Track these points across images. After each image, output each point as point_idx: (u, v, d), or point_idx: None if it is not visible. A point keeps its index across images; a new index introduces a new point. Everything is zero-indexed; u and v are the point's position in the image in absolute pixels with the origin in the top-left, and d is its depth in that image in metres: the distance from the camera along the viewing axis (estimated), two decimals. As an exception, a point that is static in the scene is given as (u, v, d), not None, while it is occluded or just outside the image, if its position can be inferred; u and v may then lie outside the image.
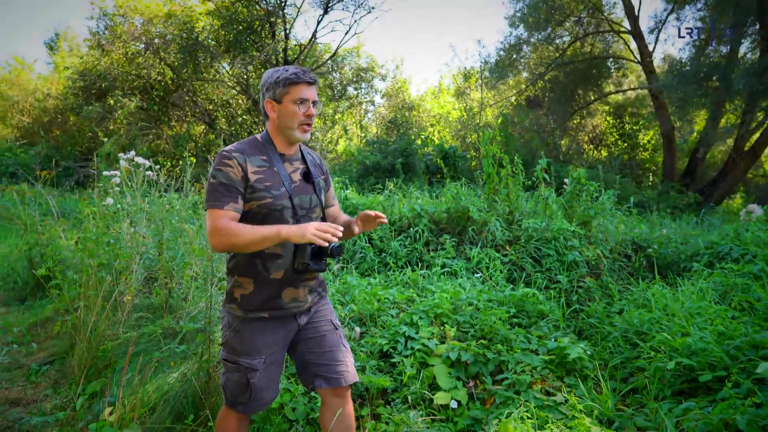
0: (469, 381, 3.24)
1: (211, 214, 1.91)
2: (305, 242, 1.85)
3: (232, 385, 2.09)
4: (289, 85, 1.98)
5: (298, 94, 1.99)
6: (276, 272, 2.02)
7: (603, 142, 19.53)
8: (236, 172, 1.93)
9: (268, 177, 2.00)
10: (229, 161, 1.94)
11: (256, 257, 2.01)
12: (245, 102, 14.70)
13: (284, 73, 1.99)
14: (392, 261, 5.18)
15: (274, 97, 2.01)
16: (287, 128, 2.02)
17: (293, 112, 1.99)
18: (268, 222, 1.98)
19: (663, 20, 14.67)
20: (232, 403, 2.13)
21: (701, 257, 5.47)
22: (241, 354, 2.04)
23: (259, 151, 2.04)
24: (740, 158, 13.01)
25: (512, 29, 16.45)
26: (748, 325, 3.33)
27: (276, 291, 2.04)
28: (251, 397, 2.08)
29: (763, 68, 10.14)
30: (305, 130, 2.04)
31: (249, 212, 1.98)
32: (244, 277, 2.04)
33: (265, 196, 1.97)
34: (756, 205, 6.11)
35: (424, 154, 14.02)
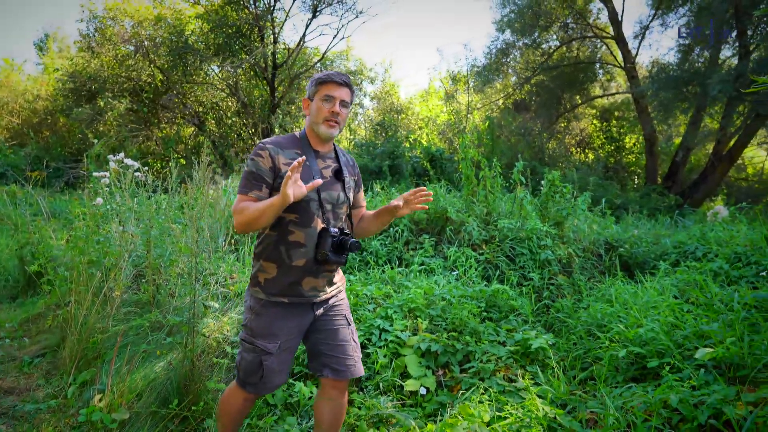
0: (438, 370, 3.46)
1: (239, 198, 2.12)
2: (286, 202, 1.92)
3: (245, 365, 2.20)
4: (320, 84, 2.20)
5: (325, 92, 2.18)
6: (298, 260, 2.16)
7: (589, 145, 19.87)
8: (266, 162, 2.11)
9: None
10: (262, 152, 2.13)
11: (281, 244, 2.16)
12: (234, 104, 14.87)
13: (318, 75, 2.23)
14: (372, 260, 5.38)
15: (309, 96, 2.24)
16: (315, 123, 2.21)
17: (320, 108, 2.18)
18: (295, 212, 2.14)
19: (647, 26, 15.01)
20: (243, 382, 2.24)
21: (669, 256, 5.73)
22: (258, 336, 2.17)
23: (294, 145, 2.22)
24: (719, 162, 13.34)
25: (499, 34, 16.74)
26: (699, 317, 3.57)
27: (297, 278, 2.17)
28: (261, 379, 2.19)
29: (737, 75, 10.45)
30: (331, 126, 2.19)
31: None
32: (269, 262, 2.18)
33: None
34: (722, 207, 6.37)
35: (412, 157, 14.23)
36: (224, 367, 3.19)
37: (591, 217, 6.36)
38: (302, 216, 2.15)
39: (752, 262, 4.82)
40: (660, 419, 2.52)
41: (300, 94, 16.97)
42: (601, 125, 19.33)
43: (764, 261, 4.70)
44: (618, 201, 11.87)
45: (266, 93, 14.73)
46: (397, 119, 19.37)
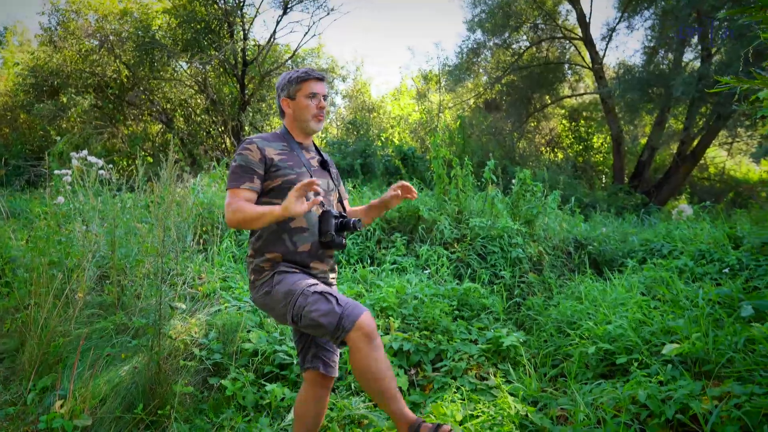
0: (410, 369, 3.44)
1: (229, 193, 2.11)
2: (287, 215, 1.94)
3: (316, 312, 1.97)
4: (301, 82, 2.22)
5: (309, 89, 2.23)
6: (303, 245, 2.17)
7: (559, 144, 20.17)
8: (254, 155, 2.13)
9: (290, 158, 2.21)
10: (249, 146, 2.15)
11: (284, 232, 2.16)
12: (203, 101, 14.62)
13: (296, 73, 2.25)
14: (344, 258, 5.34)
15: (288, 95, 2.25)
16: (302, 120, 2.26)
17: (306, 105, 2.23)
18: None
19: (613, 28, 15.29)
20: (338, 330, 1.95)
21: (636, 254, 5.84)
22: (294, 289, 2.04)
23: (279, 139, 2.26)
24: (683, 161, 13.68)
25: (470, 33, 16.83)
26: (666, 313, 3.64)
27: (304, 262, 2.18)
28: (338, 301, 1.99)
29: (700, 77, 10.73)
30: (319, 120, 2.27)
31: (276, 188, 2.15)
32: (273, 253, 2.16)
33: (288, 173, 2.16)
34: (686, 205, 6.53)
35: (384, 155, 14.21)
36: (192, 370, 3.11)
37: (561, 216, 6.45)
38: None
39: (715, 259, 4.94)
40: (629, 415, 2.55)
41: (271, 91, 16.80)
42: (570, 125, 19.63)
43: (727, 258, 4.82)
44: (587, 200, 12.07)
45: (236, 90, 14.52)
46: (369, 117, 19.32)
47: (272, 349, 3.38)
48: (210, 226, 5.48)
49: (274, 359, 3.36)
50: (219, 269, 4.56)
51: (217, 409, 2.98)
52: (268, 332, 3.62)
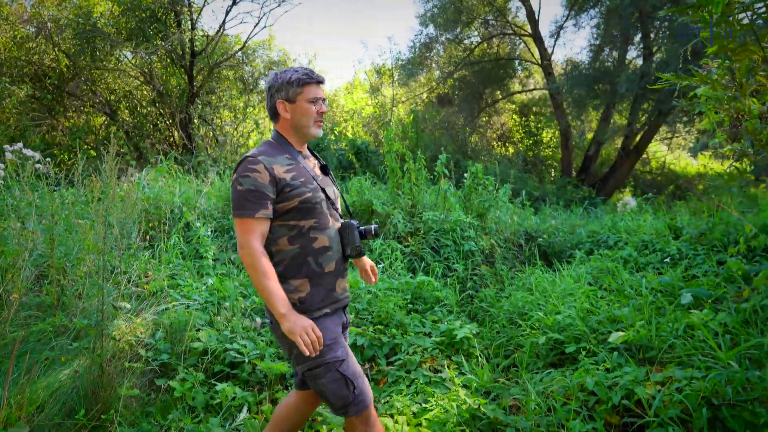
0: (364, 363, 3.42)
1: (242, 224, 1.92)
2: (294, 338, 1.85)
3: (331, 389, 1.99)
4: (303, 85, 2.05)
5: (311, 93, 2.07)
6: (328, 265, 2.04)
7: (510, 139, 20.54)
8: (264, 177, 1.93)
9: (299, 173, 2.03)
10: (256, 166, 1.94)
11: (308, 255, 2.01)
12: (150, 93, 14.12)
13: (295, 74, 2.07)
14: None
15: (287, 97, 2.07)
16: (302, 126, 2.09)
17: (307, 110, 2.07)
18: (312, 216, 2.01)
19: (561, 25, 15.66)
20: (343, 408, 2.01)
21: (584, 245, 6.00)
22: (321, 353, 1.97)
23: (279, 151, 2.06)
24: (627, 156, 14.19)
25: (423, 28, 16.89)
26: (612, 302, 3.76)
27: (331, 285, 2.06)
28: (355, 389, 2.00)
29: (642, 74, 11.13)
30: (319, 126, 2.13)
31: (292, 209, 1.98)
32: (298, 279, 1.99)
33: (304, 192, 1.99)
34: (630, 198, 6.75)
35: (337, 150, 14.10)
36: (138, 371, 3.00)
37: (512, 209, 6.56)
38: (320, 219, 2.04)
39: (657, 249, 5.14)
40: (578, 402, 2.61)
41: (221, 83, 16.38)
42: (520, 120, 20.01)
43: (668, 248, 5.02)
44: (537, 193, 12.35)
45: (184, 82, 14.08)
46: (322, 111, 19.12)
47: (223, 347, 3.30)
48: (157, 222, 5.29)
49: (225, 358, 3.27)
50: (167, 266, 4.41)
51: (165, 411, 2.88)
52: (219, 330, 3.53)
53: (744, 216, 4.94)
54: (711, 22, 2.15)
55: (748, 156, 3.01)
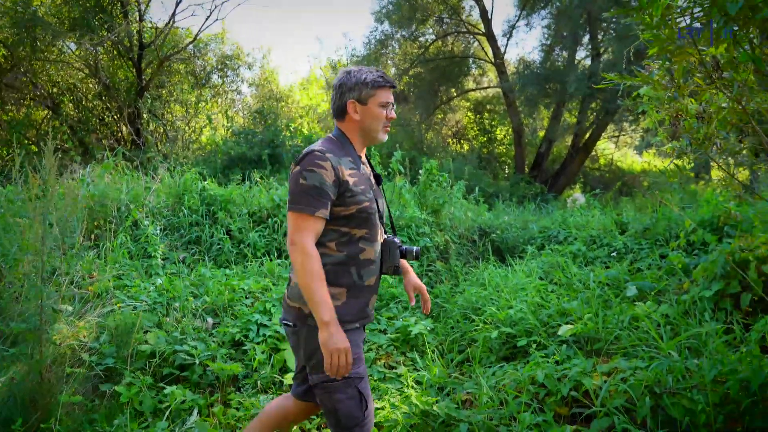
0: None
1: (299, 219, 1.81)
2: (325, 351, 1.76)
3: (344, 406, 1.90)
4: (377, 88, 1.97)
5: (384, 98, 1.98)
6: (369, 279, 1.97)
7: (465, 136, 20.82)
8: (329, 176, 1.83)
9: (360, 179, 1.95)
10: (324, 163, 1.83)
11: (352, 264, 1.93)
12: (95, 86, 13.59)
13: (370, 75, 1.98)
14: (250, 252, 5.18)
15: (359, 98, 1.97)
16: (371, 130, 2.00)
17: (378, 115, 1.98)
18: (366, 227, 1.94)
19: (513, 25, 15.95)
20: (349, 429, 1.92)
21: (535, 240, 6.14)
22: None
23: (343, 151, 1.96)
24: (576, 153, 14.61)
25: (378, 24, 16.89)
26: (562, 296, 3.86)
27: (367, 299, 1.99)
28: (366, 410, 1.93)
29: (590, 74, 11.47)
30: (386, 132, 2.04)
31: (348, 216, 1.90)
32: (337, 287, 1.90)
33: (363, 200, 1.91)
34: (580, 194, 6.95)
35: (293, 146, 13.95)
36: (80, 377, 2.88)
37: (466, 205, 6.64)
38: (371, 230, 1.97)
39: (605, 243, 5.31)
40: (529, 395, 2.67)
41: (171, 77, 15.93)
42: (474, 117, 20.30)
43: (614, 243, 5.19)
44: (490, 189, 12.55)
45: (132, 75, 13.63)
46: (277, 107, 18.86)
47: (172, 349, 3.21)
48: (103, 221, 5.10)
49: (174, 360, 3.19)
50: (113, 267, 4.26)
51: (111, 417, 2.78)
52: (168, 332, 3.43)
53: (684, 211, 5.16)
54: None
55: (687, 154, 3.14)
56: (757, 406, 2.19)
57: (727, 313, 3.22)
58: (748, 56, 1.94)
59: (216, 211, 5.67)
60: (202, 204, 5.68)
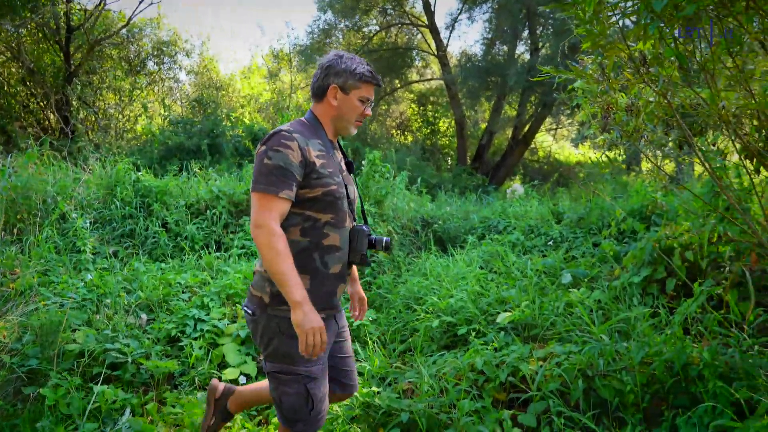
0: (259, 356, 3.33)
1: (263, 200, 1.76)
2: (300, 331, 1.73)
3: (288, 400, 1.89)
4: (363, 82, 1.93)
5: (366, 93, 1.95)
6: (334, 266, 1.91)
7: (408, 128, 20.94)
8: (295, 156, 1.78)
9: (329, 162, 1.90)
10: (290, 143, 1.78)
11: (315, 250, 1.87)
12: (18, 71, 12.78)
13: (360, 68, 1.93)
14: (188, 245, 5.02)
15: (343, 85, 1.92)
16: (344, 120, 1.97)
17: (356, 108, 1.95)
18: (331, 211, 1.89)
19: (456, 18, 16.13)
20: (291, 421, 1.93)
21: (476, 230, 6.25)
22: (298, 362, 1.85)
23: (314, 134, 1.92)
24: (516, 145, 14.99)
25: (321, 14, 16.68)
26: (500, 284, 3.94)
27: (332, 287, 1.93)
28: (312, 410, 1.90)
29: (529, 68, 11.76)
30: (358, 125, 2.02)
31: (314, 198, 1.85)
32: (300, 274, 1.81)
33: (330, 183, 1.86)
34: (519, 185, 7.13)
35: (233, 136, 13.61)
36: (0, 380, 2.70)
37: (409, 196, 6.68)
38: (337, 216, 1.91)
39: (542, 233, 5.47)
40: (468, 382, 2.71)
41: (103, 62, 15.19)
42: (418, 109, 20.45)
43: (551, 232, 5.36)
44: (433, 181, 12.68)
45: (60, 59, 12.88)
46: (217, 96, 18.35)
47: (102, 348, 3.07)
48: (27, 214, 4.80)
49: (105, 359, 3.04)
50: (37, 262, 4.02)
51: (35, 421, 2.63)
52: (98, 330, 3.27)
53: (615, 201, 5.38)
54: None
55: (618, 146, 3.26)
56: (680, 385, 2.32)
57: (654, 297, 3.38)
58: (673, 52, 2.02)
59: (151, 203, 5.46)
60: (136, 196, 5.46)
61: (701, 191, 3.28)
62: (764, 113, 2.30)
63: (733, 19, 2.01)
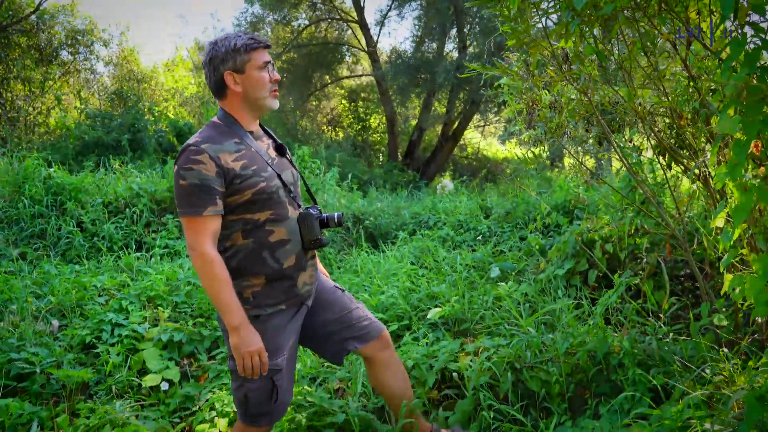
0: (183, 360, 3.19)
1: (190, 223, 1.71)
2: (236, 354, 1.73)
3: (254, 396, 1.85)
4: (250, 51, 1.81)
5: (260, 59, 1.83)
6: (287, 260, 1.85)
7: (339, 124, 20.83)
8: (209, 168, 1.70)
9: (251, 160, 1.80)
10: (200, 156, 1.70)
11: (264, 249, 1.81)
12: None
13: (239, 40, 1.81)
14: (105, 245, 4.73)
15: (234, 68, 1.80)
16: (258, 98, 1.85)
17: (260, 79, 1.83)
18: (268, 208, 1.81)
19: (386, 14, 16.18)
20: (254, 417, 1.89)
21: (407, 226, 6.29)
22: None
23: (226, 135, 1.81)
24: (446, 141, 15.26)
25: (248, 6, 16.26)
26: (431, 280, 3.97)
27: (291, 280, 1.88)
28: (276, 402, 1.87)
29: (457, 66, 11.98)
30: (276, 96, 1.90)
31: (245, 203, 1.77)
32: (254, 277, 1.82)
33: (257, 182, 1.78)
34: (448, 181, 7.24)
35: (157, 130, 13.03)
36: None
37: (339, 192, 6.62)
38: (276, 209, 1.83)
39: (471, 228, 5.57)
40: (400, 380, 2.69)
41: (10, 51, 14.13)
42: (349, 105, 20.38)
43: (479, 227, 5.47)
44: (365, 177, 12.68)
45: (-42, 46, 11.85)
46: (139, 89, 17.51)
47: (6, 358, 2.82)
48: None
49: (10, 370, 2.80)
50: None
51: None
52: (2, 338, 3.01)
53: (540, 196, 5.56)
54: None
55: (542, 142, 3.35)
56: (603, 374, 2.40)
57: (578, 289, 3.51)
58: (593, 50, 2.09)
59: (65, 201, 5.11)
60: (47, 194, 5.09)
61: (619, 186, 3.43)
62: (676, 111, 2.42)
63: (647, 21, 2.09)
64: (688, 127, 2.48)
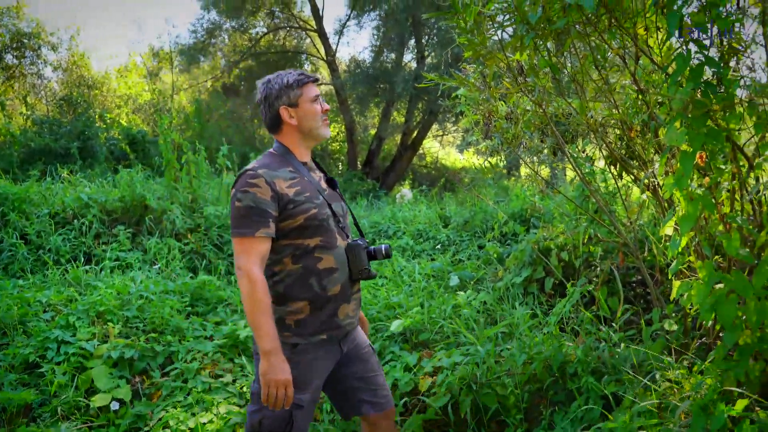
0: (134, 378, 3.07)
1: (241, 244, 1.75)
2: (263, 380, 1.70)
3: (269, 423, 1.81)
4: (302, 86, 1.91)
5: (311, 92, 1.93)
6: (333, 288, 1.87)
7: (299, 132, 20.71)
8: (264, 192, 1.77)
9: (304, 187, 1.87)
10: (256, 180, 1.78)
11: (312, 275, 1.84)
12: None
13: (291, 77, 1.92)
14: (51, 258, 4.53)
15: (288, 102, 1.90)
16: (312, 128, 1.94)
17: (313, 111, 1.93)
18: (318, 234, 1.85)
19: (344, 24, 16.21)
20: None
21: (367, 236, 6.27)
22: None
23: (282, 163, 1.90)
24: (405, 151, 15.36)
25: (205, 12, 16.00)
26: (390, 290, 3.96)
27: (333, 309, 1.88)
28: None
29: (415, 76, 12.10)
30: (327, 125, 1.98)
31: (297, 228, 1.82)
32: (299, 302, 1.84)
33: (309, 208, 1.83)
34: (407, 190, 7.28)
35: (109, 138, 12.64)
36: None
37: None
38: (327, 237, 1.87)
39: (431, 237, 5.60)
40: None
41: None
42: (308, 114, 20.29)
43: (439, 236, 5.50)
44: (325, 186, 12.62)
45: None
46: (89, 95, 16.96)
47: None
48: None
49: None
50: None
51: None
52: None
53: (498, 205, 5.65)
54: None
55: (499, 152, 3.40)
56: (558, 382, 2.43)
57: (535, 296, 3.56)
58: (546, 63, 2.13)
59: (7, 212, 4.88)
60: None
61: (573, 195, 3.50)
62: (626, 123, 2.50)
63: (597, 36, 2.15)
64: (638, 138, 2.56)
